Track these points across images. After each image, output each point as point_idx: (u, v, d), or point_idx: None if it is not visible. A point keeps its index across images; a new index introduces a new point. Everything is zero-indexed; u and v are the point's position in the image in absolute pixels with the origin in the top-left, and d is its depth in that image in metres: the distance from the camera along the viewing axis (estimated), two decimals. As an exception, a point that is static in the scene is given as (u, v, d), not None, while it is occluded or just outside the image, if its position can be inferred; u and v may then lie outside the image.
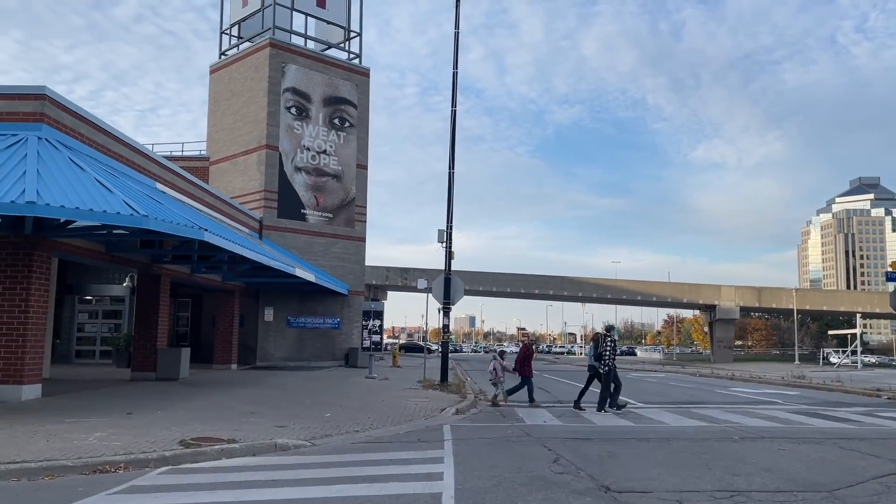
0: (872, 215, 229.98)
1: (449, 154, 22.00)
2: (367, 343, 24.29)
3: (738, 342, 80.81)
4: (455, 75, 22.11)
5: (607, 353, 15.11)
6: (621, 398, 16.14)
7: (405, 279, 65.51)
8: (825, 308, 69.52)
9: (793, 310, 66.09)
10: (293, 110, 31.33)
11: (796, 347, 67.59)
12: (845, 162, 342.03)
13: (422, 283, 24.19)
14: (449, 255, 21.77)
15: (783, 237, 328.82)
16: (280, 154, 30.80)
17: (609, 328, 15.78)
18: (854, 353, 52.56)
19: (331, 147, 32.40)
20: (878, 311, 65.47)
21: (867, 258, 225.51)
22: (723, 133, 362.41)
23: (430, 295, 25.96)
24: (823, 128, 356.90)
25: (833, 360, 70.45)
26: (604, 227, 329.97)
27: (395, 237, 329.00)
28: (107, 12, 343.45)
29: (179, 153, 34.03)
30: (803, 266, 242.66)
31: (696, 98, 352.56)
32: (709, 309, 67.54)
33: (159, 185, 19.60)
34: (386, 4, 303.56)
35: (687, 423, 13.52)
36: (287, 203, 30.87)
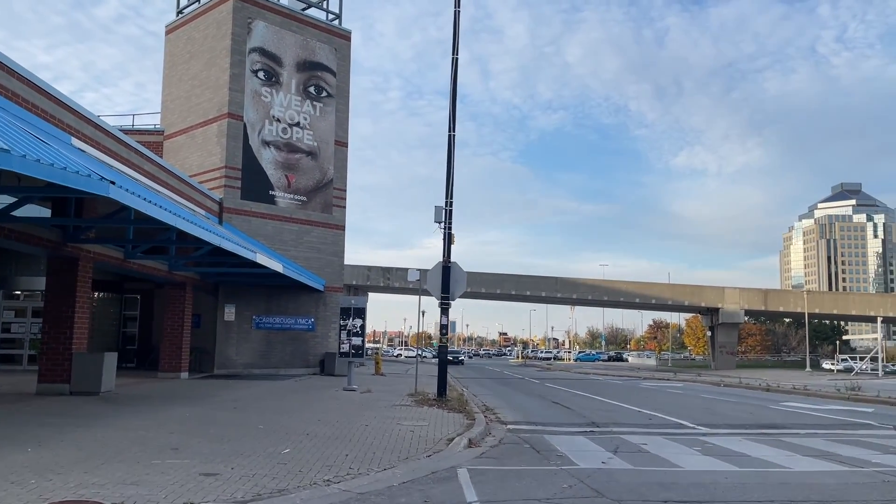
0: (854, 221, 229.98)
1: (449, 112, 17.75)
2: (345, 347, 19.91)
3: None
4: (457, 14, 17.85)
5: None
6: (669, 418, 11.93)
7: (388, 279, 60.97)
8: (835, 311, 65.90)
9: (800, 313, 62.48)
10: (261, 74, 26.82)
11: (807, 354, 63.85)
12: (825, 170, 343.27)
13: (413, 275, 19.85)
14: (448, 239, 17.48)
15: (763, 244, 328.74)
16: (245, 125, 26.25)
17: None
18: (874, 359, 49.06)
19: (305, 119, 27.90)
20: (891, 314, 62.04)
21: (849, 264, 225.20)
22: (704, 140, 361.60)
23: (419, 297, 21.70)
24: (803, 136, 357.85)
25: (825, 366, 67.21)
26: (587, 232, 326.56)
27: (377, 242, 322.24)
28: (88, 12, 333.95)
29: (130, 127, 29.34)
30: (785, 272, 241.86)
31: (679, 105, 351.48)
32: (711, 312, 63.56)
33: (76, 142, 15.08)
34: (371, 8, 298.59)
35: (813, 465, 9.30)
36: (253, 183, 26.33)
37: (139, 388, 17.99)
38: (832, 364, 67.40)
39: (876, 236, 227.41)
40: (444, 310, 17.40)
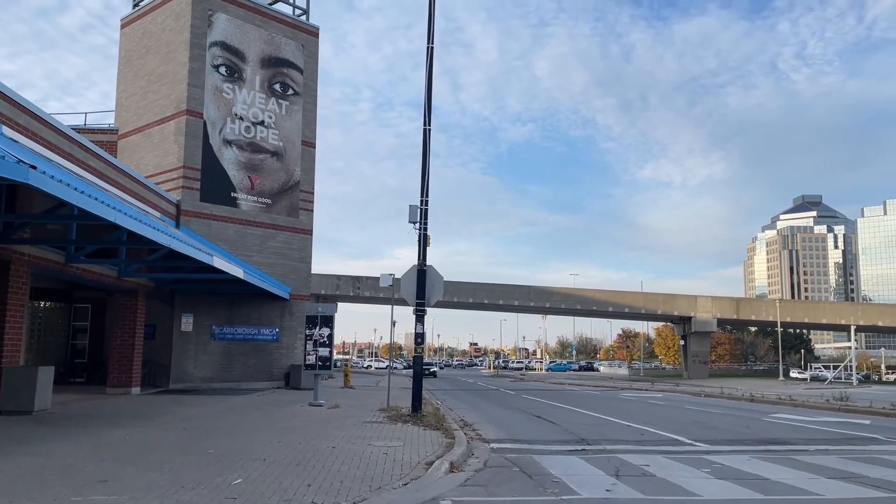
0: (815, 232, 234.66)
1: (424, 105, 16.54)
2: (311, 359, 18.42)
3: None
4: (432, 1, 16.67)
5: None
6: (662, 432, 10.79)
7: (358, 288, 59.31)
8: (807, 320, 66.06)
9: (771, 322, 62.48)
10: (222, 69, 25.28)
11: (780, 363, 63.85)
12: (787, 182, 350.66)
13: (385, 280, 18.50)
14: (424, 241, 16.18)
15: (726, 254, 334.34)
16: (205, 123, 24.66)
17: None
18: (847, 367, 48.92)
19: (270, 118, 26.42)
20: (861, 322, 62.36)
21: (810, 274, 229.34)
22: (669, 153, 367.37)
23: (392, 305, 20.35)
24: (764, 149, 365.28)
25: (794, 375, 67.32)
26: (555, 243, 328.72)
27: (346, 253, 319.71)
28: (53, 21, 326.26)
29: (82, 125, 27.51)
30: (749, 282, 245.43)
31: (644, 119, 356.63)
32: (683, 321, 63.15)
33: (8, 132, 13.47)
34: (342, 20, 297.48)
35: (846, 491, 8.19)
36: (213, 184, 24.73)
37: (81, 406, 16.29)
38: (800, 372, 67.54)
39: (836, 247, 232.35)
40: (420, 317, 16.10)
